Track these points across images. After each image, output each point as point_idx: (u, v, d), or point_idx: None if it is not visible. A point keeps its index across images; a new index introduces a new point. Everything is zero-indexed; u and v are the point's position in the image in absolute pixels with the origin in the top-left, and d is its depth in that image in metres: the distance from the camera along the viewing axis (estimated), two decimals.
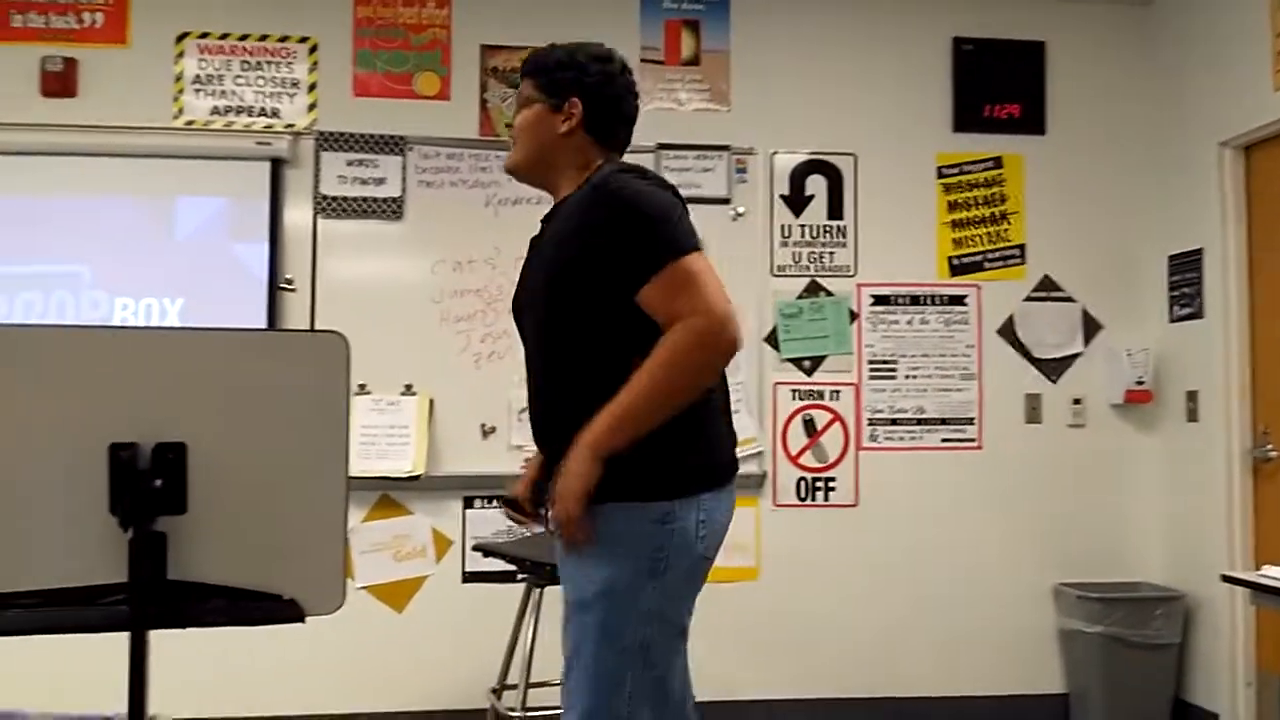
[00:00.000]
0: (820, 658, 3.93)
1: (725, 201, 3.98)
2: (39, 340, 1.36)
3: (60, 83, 3.74)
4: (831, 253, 4.05)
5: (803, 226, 4.04)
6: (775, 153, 4.04)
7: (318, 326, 3.71)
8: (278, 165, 3.81)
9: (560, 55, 1.96)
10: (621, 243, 1.76)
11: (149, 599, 1.28)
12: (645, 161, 3.93)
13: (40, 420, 1.29)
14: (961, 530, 4.02)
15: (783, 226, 4.03)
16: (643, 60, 4.01)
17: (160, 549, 1.29)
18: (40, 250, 3.68)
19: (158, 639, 1.30)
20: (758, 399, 3.94)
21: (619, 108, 1.97)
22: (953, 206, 4.12)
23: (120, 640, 1.29)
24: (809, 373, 4.01)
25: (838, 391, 4.01)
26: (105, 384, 1.31)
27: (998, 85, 4.14)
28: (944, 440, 4.04)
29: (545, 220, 2.00)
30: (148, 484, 1.28)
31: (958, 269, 4.11)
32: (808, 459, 3.98)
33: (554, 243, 1.89)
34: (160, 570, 1.29)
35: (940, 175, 4.11)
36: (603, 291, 1.77)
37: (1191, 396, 3.91)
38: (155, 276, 3.73)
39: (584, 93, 1.93)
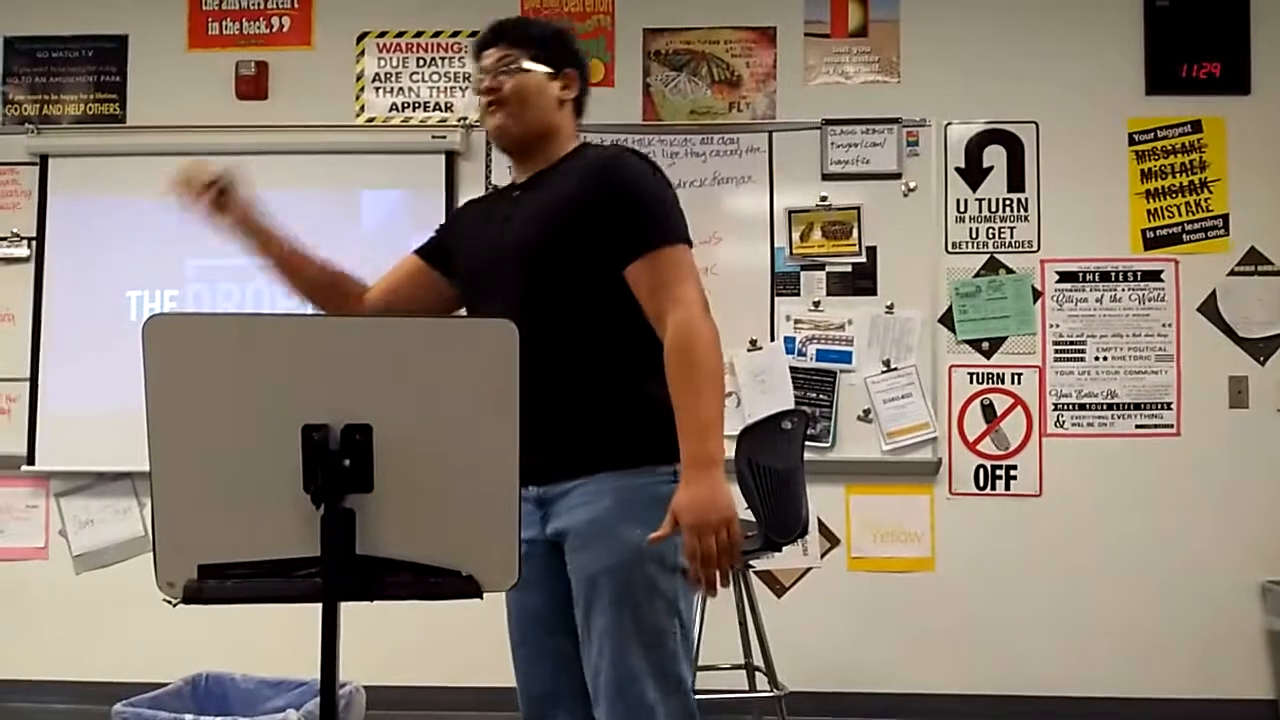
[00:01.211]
0: (997, 654, 3.76)
1: (896, 176, 3.85)
2: (241, 328, 1.44)
3: (253, 86, 3.98)
4: (1012, 227, 3.86)
5: (980, 200, 3.86)
6: (949, 124, 3.88)
7: None
8: (451, 158, 3.94)
9: (550, 28, 2.01)
10: (619, 212, 1.79)
11: (340, 572, 1.34)
12: (811, 139, 3.87)
13: (242, 403, 1.37)
14: (1157, 523, 3.77)
15: (958, 201, 3.87)
16: (807, 34, 3.92)
17: (349, 525, 1.35)
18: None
19: (347, 609, 1.36)
20: (931, 382, 3.79)
21: (587, 91, 2.00)
22: (1146, 175, 3.85)
23: (314, 610, 1.36)
24: (988, 355, 3.83)
25: (1019, 374, 3.82)
26: (299, 369, 1.37)
27: (1196, 42, 3.83)
28: (1138, 426, 3.79)
29: (522, 188, 1.92)
30: (338, 463, 1.34)
31: (1152, 242, 3.84)
32: (986, 445, 3.82)
33: (550, 211, 1.84)
34: (349, 545, 1.34)
35: (1132, 142, 3.85)
36: (601, 267, 1.78)
37: None
38: (343, 267, 3.91)
39: (579, 68, 1.96)
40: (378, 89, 4.02)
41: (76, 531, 3.95)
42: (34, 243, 3.98)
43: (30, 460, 3.90)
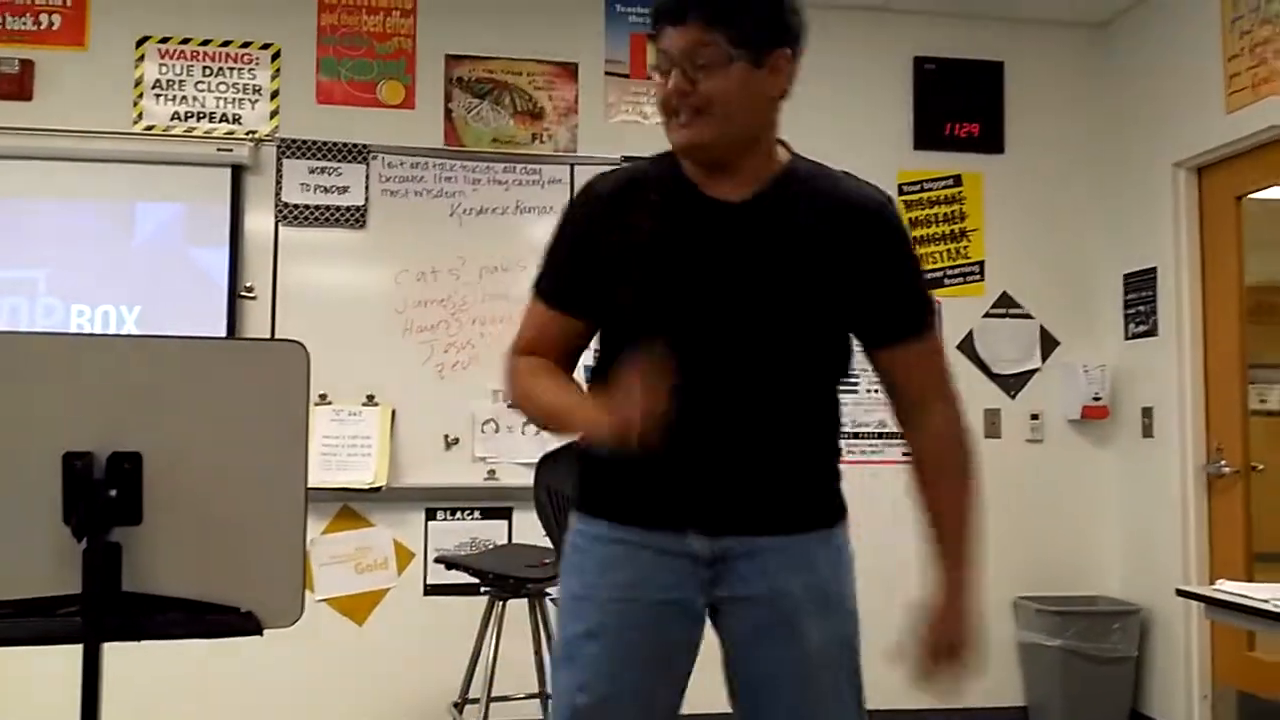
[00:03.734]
0: None
1: None
2: None
3: (15, 85, 3.67)
4: None
5: None
6: None
7: (278, 335, 3.66)
8: (239, 172, 3.77)
9: None
10: (904, 283, 1.58)
11: (104, 611, 1.25)
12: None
13: None
14: (916, 543, 4.04)
15: None
16: (607, 73, 4.02)
17: (115, 560, 1.27)
18: None
19: (111, 652, 1.27)
20: None
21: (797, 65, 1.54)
22: (914, 223, 4.16)
23: (74, 653, 1.26)
24: None
25: None
26: (59, 391, 1.29)
27: (958, 104, 4.20)
28: (905, 454, 4.06)
29: (740, 209, 1.53)
30: (102, 494, 1.26)
31: None
32: None
33: (814, 256, 1.52)
34: (115, 582, 1.27)
35: (901, 192, 4.16)
36: (857, 330, 1.59)
37: (1147, 413, 3.98)
38: (112, 283, 3.66)
39: (796, 42, 1.50)
40: (158, 96, 3.80)
41: None
42: None
43: None
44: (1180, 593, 2.70)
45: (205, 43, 3.83)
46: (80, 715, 1.26)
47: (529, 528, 3.18)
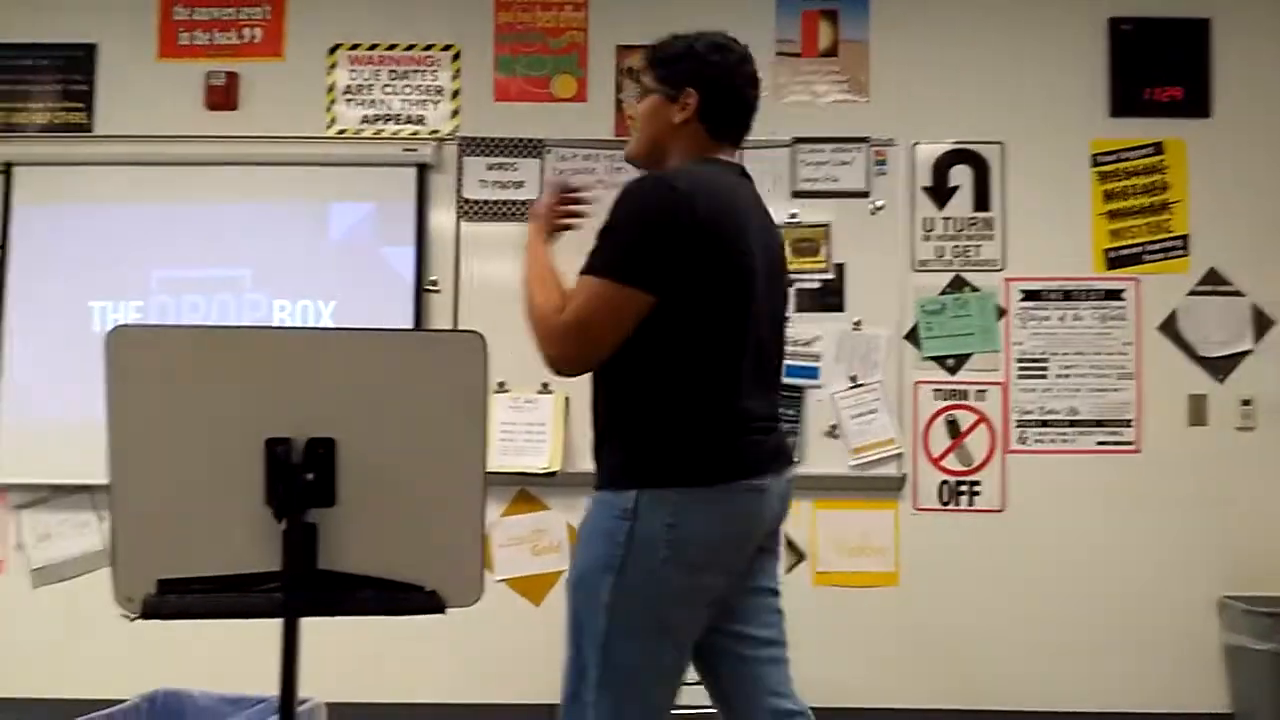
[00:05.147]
0: (961, 668, 3.79)
1: (864, 195, 3.89)
2: (204, 340, 1.43)
3: (223, 96, 3.96)
4: (978, 246, 3.90)
5: (946, 219, 3.91)
6: (917, 143, 3.92)
7: (460, 326, 3.80)
8: (423, 170, 3.93)
9: (679, 46, 1.98)
10: None
11: (301, 587, 1.33)
12: (781, 157, 3.90)
13: (205, 416, 1.36)
14: (1117, 538, 3.81)
15: (925, 219, 3.91)
16: (778, 54, 3.96)
17: (311, 540, 1.34)
18: (205, 255, 3.90)
19: (308, 625, 1.35)
20: (897, 398, 3.82)
21: (736, 99, 1.97)
22: (1109, 196, 3.91)
23: (275, 625, 1.35)
24: (952, 371, 3.87)
25: (984, 391, 3.86)
26: (262, 381, 1.37)
27: (1158, 67, 3.90)
28: (1099, 443, 3.84)
29: None
30: (300, 477, 1.33)
31: (1115, 262, 3.89)
32: (951, 461, 3.85)
33: None
34: (311, 560, 1.34)
35: (1095, 163, 3.91)
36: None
37: None
38: (310, 279, 3.90)
39: (700, 83, 1.93)
40: (349, 101, 4.01)
41: (35, 545, 3.88)
42: None
43: None
44: None
45: (391, 47, 4.01)
46: (280, 682, 1.35)
47: None
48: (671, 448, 1.77)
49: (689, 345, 1.78)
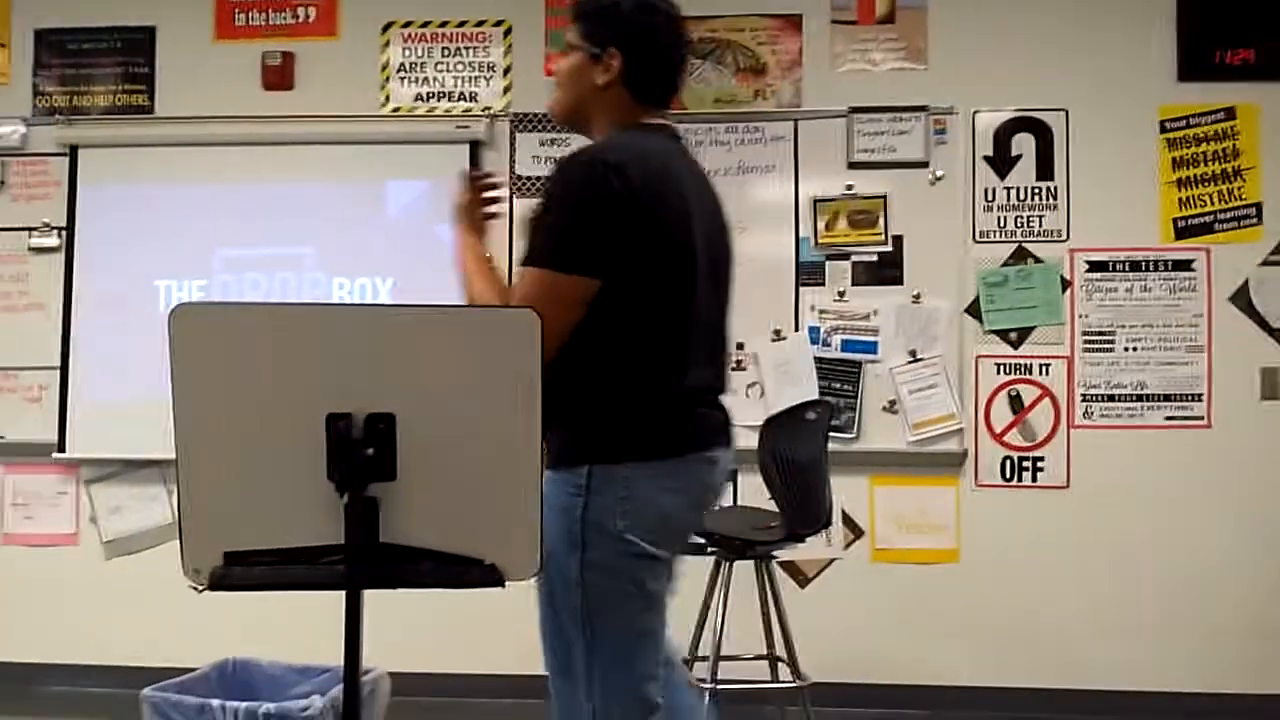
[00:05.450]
0: (1023, 647, 3.73)
1: (923, 165, 3.81)
2: (266, 317, 1.46)
3: (279, 76, 4.00)
4: (1041, 216, 3.81)
5: (1008, 189, 3.82)
6: (977, 111, 3.84)
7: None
8: (476, 147, 3.94)
9: (606, 1, 1.88)
10: None
11: (363, 560, 1.35)
12: (837, 127, 3.84)
13: (267, 392, 1.38)
14: (1186, 515, 3.72)
15: (986, 189, 3.83)
16: (834, 21, 3.89)
17: (373, 513, 1.35)
18: (266, 234, 3.96)
19: (371, 596, 1.37)
20: (958, 373, 3.76)
21: (664, 61, 1.88)
22: (1178, 164, 3.79)
23: (339, 597, 1.36)
24: (1015, 345, 3.80)
25: (1047, 365, 3.78)
26: (323, 358, 1.38)
27: (1230, 28, 3.77)
28: (1167, 418, 3.75)
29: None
30: (361, 452, 1.35)
31: (1184, 231, 3.78)
32: (1013, 437, 3.78)
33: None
34: (373, 533, 1.35)
35: (1163, 129, 3.79)
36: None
37: None
38: (369, 257, 3.94)
39: (625, 44, 1.84)
40: (403, 79, 4.02)
41: (106, 518, 4.00)
42: (64, 232, 4.02)
43: (61, 448, 3.95)
44: None
45: (443, 24, 4.02)
46: (344, 654, 1.37)
47: (754, 490, 3.17)
48: (621, 423, 1.75)
49: (635, 320, 1.75)
